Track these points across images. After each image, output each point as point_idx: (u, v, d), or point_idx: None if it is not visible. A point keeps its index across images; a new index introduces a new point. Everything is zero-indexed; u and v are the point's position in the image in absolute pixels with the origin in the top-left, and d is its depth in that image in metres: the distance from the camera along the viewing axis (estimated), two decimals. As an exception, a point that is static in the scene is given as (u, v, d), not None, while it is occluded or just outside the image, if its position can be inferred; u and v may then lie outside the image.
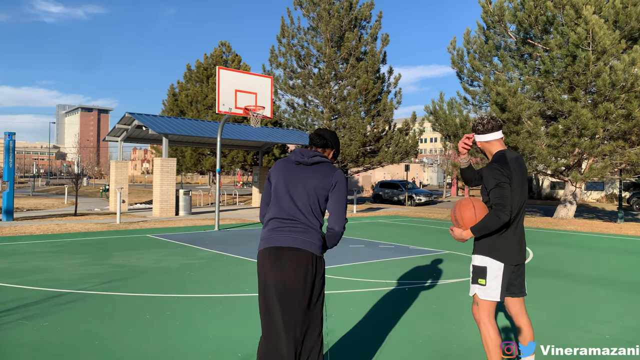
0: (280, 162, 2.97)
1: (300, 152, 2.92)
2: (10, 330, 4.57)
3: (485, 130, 3.46)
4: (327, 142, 3.02)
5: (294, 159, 2.92)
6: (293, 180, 2.85)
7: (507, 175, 3.20)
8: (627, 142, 16.65)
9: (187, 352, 4.09)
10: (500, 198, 3.16)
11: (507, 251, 3.26)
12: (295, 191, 2.83)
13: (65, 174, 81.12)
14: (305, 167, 2.88)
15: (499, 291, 3.27)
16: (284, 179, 2.88)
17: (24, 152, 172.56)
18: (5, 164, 15.21)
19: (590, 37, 15.44)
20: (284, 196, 2.85)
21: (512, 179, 3.22)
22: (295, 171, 2.88)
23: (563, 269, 8.30)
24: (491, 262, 3.28)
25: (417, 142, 25.48)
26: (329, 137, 3.05)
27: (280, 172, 2.91)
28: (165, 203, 17.75)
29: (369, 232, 13.72)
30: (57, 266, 7.82)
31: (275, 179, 2.92)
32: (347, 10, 25.10)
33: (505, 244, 3.26)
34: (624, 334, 4.73)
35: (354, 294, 6.20)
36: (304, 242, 2.78)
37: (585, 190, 37.29)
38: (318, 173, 2.85)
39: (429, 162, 73.21)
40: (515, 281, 3.37)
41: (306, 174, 2.86)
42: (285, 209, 2.83)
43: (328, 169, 2.89)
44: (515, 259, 3.28)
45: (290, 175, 2.87)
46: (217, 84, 13.59)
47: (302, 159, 2.88)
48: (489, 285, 3.28)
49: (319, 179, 2.84)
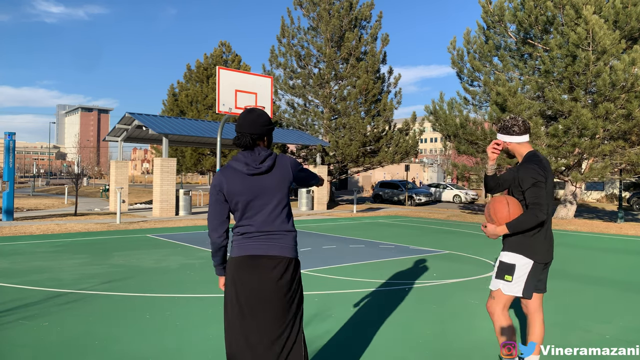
0: (228, 174, 2.68)
1: (245, 162, 2.65)
2: (10, 330, 4.57)
3: (521, 131, 3.48)
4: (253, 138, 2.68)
5: (244, 170, 2.64)
6: (255, 194, 2.66)
7: (544, 175, 3.27)
8: (627, 142, 16.65)
9: (187, 352, 4.09)
10: (538, 197, 3.23)
11: (538, 249, 3.33)
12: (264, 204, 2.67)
13: (65, 174, 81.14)
14: (262, 176, 2.67)
15: (522, 287, 3.35)
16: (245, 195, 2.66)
17: (24, 152, 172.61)
18: (6, 164, 15.21)
19: (590, 37, 15.44)
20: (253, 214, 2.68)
21: (547, 178, 3.31)
22: (253, 183, 2.66)
23: (563, 269, 8.30)
24: (521, 260, 3.33)
25: (417, 142, 25.48)
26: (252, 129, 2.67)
27: (236, 187, 2.65)
28: (165, 203, 17.75)
29: (369, 232, 13.72)
30: (57, 266, 7.82)
31: (232, 194, 2.67)
32: (347, 10, 25.10)
33: (537, 243, 3.33)
34: (624, 334, 4.73)
35: (354, 294, 6.20)
36: (281, 248, 2.68)
37: (585, 190, 37.29)
38: (278, 175, 2.69)
39: (429, 162, 73.22)
40: (542, 277, 3.46)
41: (267, 182, 2.67)
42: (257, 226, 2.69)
43: (283, 166, 2.73)
44: (545, 257, 3.36)
45: (250, 188, 2.66)
46: (217, 84, 13.59)
47: (255, 170, 2.64)
48: (515, 281, 3.35)
49: (280, 180, 2.69)
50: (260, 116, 2.70)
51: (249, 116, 2.68)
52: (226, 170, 2.69)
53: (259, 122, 2.68)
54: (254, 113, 2.70)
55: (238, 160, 2.68)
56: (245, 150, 2.69)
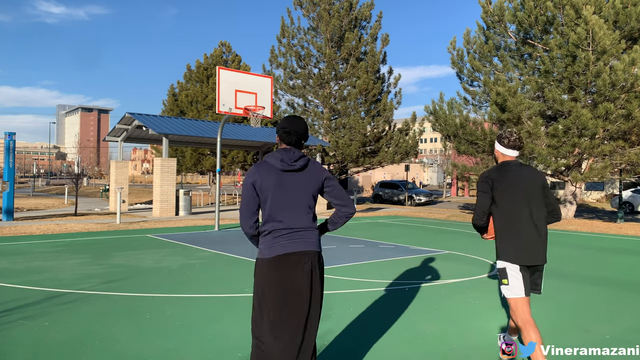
0: (262, 169, 2.87)
1: (281, 158, 2.85)
2: (10, 330, 4.57)
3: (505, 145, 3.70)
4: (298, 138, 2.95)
5: (279, 166, 2.85)
6: (286, 190, 2.84)
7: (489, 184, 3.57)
8: (627, 142, 16.64)
9: (187, 352, 4.09)
10: (476, 203, 3.65)
11: (514, 254, 3.48)
12: (293, 201, 2.85)
13: (65, 174, 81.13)
14: (293, 173, 2.87)
15: (522, 288, 3.48)
16: (276, 190, 2.83)
17: (24, 152, 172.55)
18: (6, 164, 15.21)
19: (590, 37, 15.44)
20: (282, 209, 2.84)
21: (495, 188, 3.55)
22: (285, 179, 2.85)
23: (563, 269, 8.30)
24: (507, 264, 3.51)
25: (417, 142, 25.47)
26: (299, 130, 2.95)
27: (269, 181, 2.83)
28: (165, 203, 17.75)
29: (369, 232, 13.72)
30: (57, 266, 7.82)
31: (264, 189, 2.84)
32: (347, 10, 25.10)
33: (512, 247, 3.49)
34: (624, 334, 4.73)
35: (354, 294, 6.20)
36: (310, 243, 2.88)
37: (585, 190, 37.29)
38: (308, 175, 2.90)
39: (429, 162, 73.21)
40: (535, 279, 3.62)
41: (298, 180, 2.87)
42: (286, 222, 2.85)
43: (315, 169, 2.96)
44: (525, 260, 3.47)
45: (282, 184, 2.84)
46: (217, 84, 13.59)
47: (289, 167, 2.85)
48: (512, 284, 3.50)
49: (310, 181, 2.90)
50: (303, 122, 3.02)
51: (294, 120, 2.98)
52: (261, 165, 2.90)
53: (303, 126, 2.99)
54: (298, 117, 3.01)
55: (274, 156, 2.89)
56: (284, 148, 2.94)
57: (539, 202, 3.58)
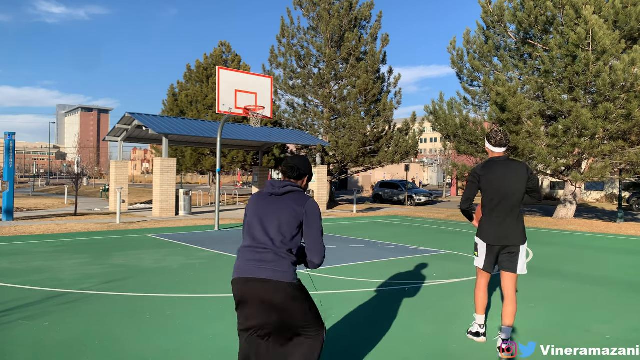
0: (254, 196, 3.08)
1: (272, 184, 3.01)
2: (10, 330, 4.57)
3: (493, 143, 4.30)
4: (300, 173, 3.07)
5: (267, 191, 3.02)
6: (265, 211, 2.94)
7: (475, 177, 4.26)
8: (627, 142, 16.64)
9: (187, 352, 4.09)
10: (464, 192, 4.31)
11: (485, 234, 4.24)
12: (267, 221, 2.91)
13: (65, 174, 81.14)
14: (277, 197, 2.97)
15: (482, 262, 4.29)
16: (257, 211, 2.97)
17: (24, 152, 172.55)
18: (6, 164, 15.21)
19: (590, 37, 15.44)
20: (257, 226, 2.93)
21: (481, 180, 4.23)
22: (268, 202, 2.97)
23: (563, 269, 8.30)
24: (479, 241, 4.31)
25: (417, 142, 25.46)
26: (301, 166, 3.08)
27: (255, 204, 3.01)
28: (165, 203, 17.75)
29: (369, 232, 13.72)
30: (57, 266, 7.82)
31: (250, 211, 3.00)
32: (347, 10, 25.09)
33: (485, 229, 4.25)
34: (624, 334, 4.73)
35: (354, 294, 6.20)
36: (273, 272, 2.81)
37: (585, 190, 37.28)
38: (289, 201, 2.94)
39: (429, 162, 73.21)
40: (504, 259, 4.24)
41: (278, 204, 2.94)
42: (257, 239, 2.90)
43: (299, 198, 2.96)
44: (492, 240, 4.20)
45: (263, 206, 2.97)
46: (217, 84, 13.59)
47: (274, 190, 2.98)
48: (479, 256, 4.33)
49: (290, 207, 2.92)
50: (308, 161, 3.16)
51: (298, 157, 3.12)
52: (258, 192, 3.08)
53: (307, 162, 3.13)
54: (304, 156, 3.15)
55: (268, 184, 3.06)
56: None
57: (519, 193, 4.17)
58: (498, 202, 4.16)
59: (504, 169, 4.20)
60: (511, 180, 4.16)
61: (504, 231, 4.15)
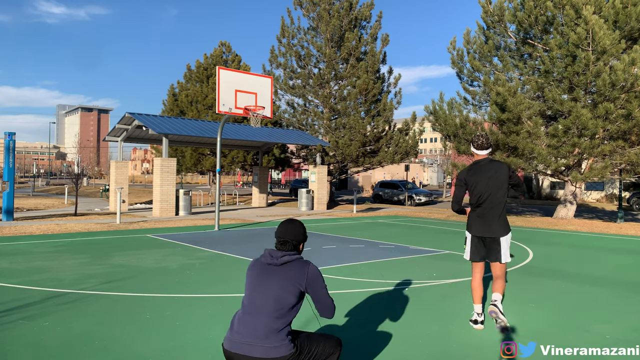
0: (253, 262, 3.07)
1: (270, 254, 3.00)
2: (10, 330, 4.57)
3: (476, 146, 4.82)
4: (294, 245, 3.07)
5: (265, 260, 3.01)
6: (264, 283, 2.93)
7: (463, 180, 4.84)
8: (627, 142, 16.64)
9: (187, 352, 4.09)
10: (454, 194, 4.85)
11: (471, 227, 4.85)
12: (263, 293, 2.90)
13: (65, 174, 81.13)
14: (275, 267, 2.97)
15: (469, 253, 4.88)
16: (254, 280, 2.97)
17: (24, 152, 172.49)
18: (6, 164, 15.21)
19: (590, 37, 15.44)
20: (252, 296, 2.92)
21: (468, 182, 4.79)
22: (265, 272, 2.96)
23: (563, 269, 8.30)
24: (467, 234, 4.91)
25: (417, 142, 25.46)
26: (293, 238, 3.07)
27: (252, 272, 3.00)
28: (165, 203, 17.75)
29: (369, 232, 13.73)
30: (57, 266, 7.82)
31: (248, 282, 3.00)
32: (347, 10, 25.09)
33: (471, 222, 4.86)
34: (624, 334, 4.73)
35: (354, 294, 6.20)
36: (266, 350, 2.78)
37: (585, 190, 37.28)
38: (288, 272, 2.94)
39: (429, 162, 73.22)
40: (489, 251, 4.80)
41: (276, 275, 2.93)
42: (253, 311, 2.88)
43: (299, 266, 2.97)
44: (477, 232, 4.79)
45: (262, 277, 2.95)
46: (217, 84, 13.59)
47: (272, 261, 2.97)
48: (466, 247, 4.91)
49: (289, 277, 2.92)
50: (301, 225, 3.15)
51: (290, 225, 3.10)
52: (254, 260, 3.09)
53: (300, 227, 3.11)
54: (295, 223, 3.12)
55: (265, 254, 3.05)
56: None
57: (502, 190, 4.70)
58: (484, 199, 4.72)
59: (487, 169, 4.74)
60: (494, 180, 4.70)
61: (487, 224, 4.73)
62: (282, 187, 60.20)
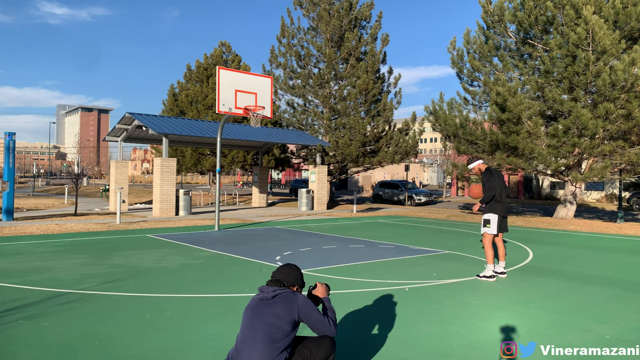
0: (249, 303, 3.21)
1: (261, 290, 3.19)
2: (10, 330, 4.57)
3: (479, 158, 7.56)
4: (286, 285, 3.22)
5: (257, 297, 3.18)
6: (256, 314, 3.08)
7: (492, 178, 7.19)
8: (627, 142, 16.63)
9: (187, 352, 4.09)
10: (490, 187, 7.16)
11: (498, 210, 7.19)
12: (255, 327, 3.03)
13: (65, 174, 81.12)
14: (267, 301, 3.13)
15: (496, 229, 7.17)
16: (249, 315, 3.12)
17: (24, 152, 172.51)
18: (6, 164, 15.21)
19: (590, 37, 15.44)
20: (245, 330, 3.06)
21: (494, 178, 7.18)
22: (259, 306, 3.12)
23: (563, 269, 8.30)
24: (493, 216, 7.18)
25: (417, 142, 25.46)
26: (287, 280, 3.24)
27: (247, 310, 3.16)
28: (165, 203, 17.75)
29: (369, 232, 13.72)
30: (57, 266, 7.82)
31: (243, 317, 3.15)
32: (347, 10, 25.10)
33: (497, 207, 7.19)
34: (624, 334, 4.73)
35: (354, 294, 6.20)
36: None
37: (585, 190, 37.28)
38: (280, 303, 3.10)
39: (429, 162, 73.20)
40: (503, 225, 7.27)
41: (269, 308, 3.08)
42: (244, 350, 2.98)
43: (289, 297, 3.14)
44: (502, 213, 7.21)
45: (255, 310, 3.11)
46: (217, 84, 13.59)
47: (263, 295, 3.15)
48: (492, 227, 7.17)
49: (282, 308, 3.08)
50: (297, 269, 3.35)
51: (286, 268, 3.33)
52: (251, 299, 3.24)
53: (296, 272, 3.32)
54: (292, 266, 3.35)
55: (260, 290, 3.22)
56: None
57: (506, 187, 7.32)
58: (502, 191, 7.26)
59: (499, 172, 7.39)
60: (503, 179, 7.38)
61: (506, 208, 7.32)
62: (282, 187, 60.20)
